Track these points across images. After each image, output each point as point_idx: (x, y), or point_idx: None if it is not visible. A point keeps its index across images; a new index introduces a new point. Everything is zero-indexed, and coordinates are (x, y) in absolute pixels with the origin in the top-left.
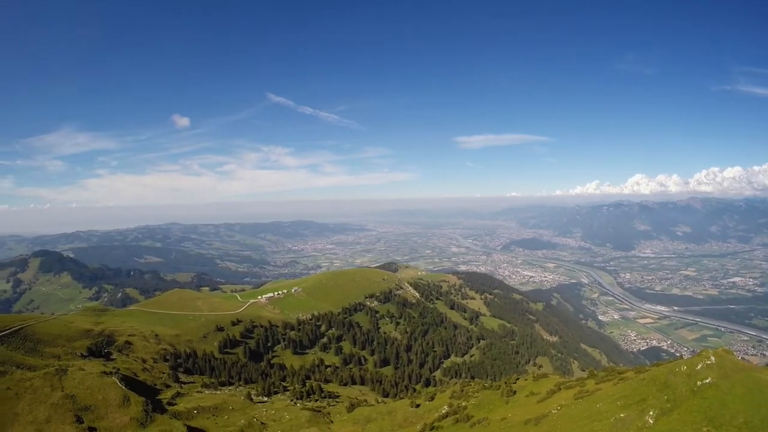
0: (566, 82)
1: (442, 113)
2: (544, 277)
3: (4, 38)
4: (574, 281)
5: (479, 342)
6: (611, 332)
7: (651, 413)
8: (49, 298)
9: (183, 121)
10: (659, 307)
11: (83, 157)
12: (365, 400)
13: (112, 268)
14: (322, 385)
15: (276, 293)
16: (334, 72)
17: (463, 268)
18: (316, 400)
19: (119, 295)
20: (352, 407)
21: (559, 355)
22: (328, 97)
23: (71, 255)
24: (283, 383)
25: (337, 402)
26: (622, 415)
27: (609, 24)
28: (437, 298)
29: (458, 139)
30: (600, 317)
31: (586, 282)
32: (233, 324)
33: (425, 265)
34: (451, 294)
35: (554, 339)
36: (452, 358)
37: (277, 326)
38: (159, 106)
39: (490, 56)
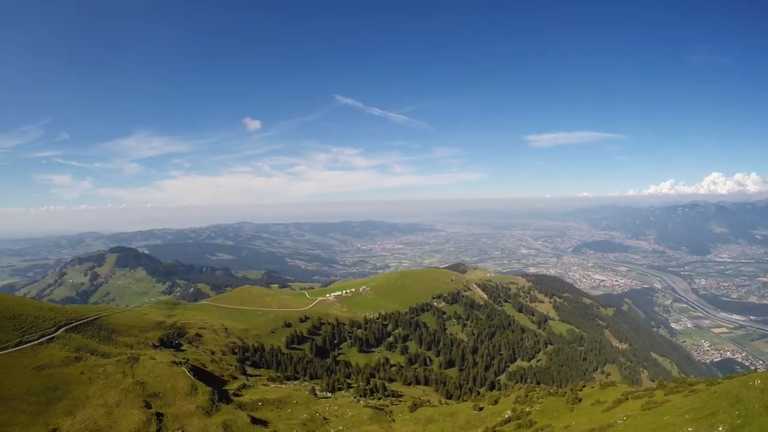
0: (639, 76)
1: (511, 111)
2: (616, 281)
3: (83, 51)
4: (646, 286)
5: (546, 347)
6: (683, 341)
7: (720, 429)
8: (124, 291)
9: (254, 124)
10: (735, 316)
11: (158, 160)
12: (428, 401)
13: (185, 265)
14: (386, 384)
15: (344, 292)
16: (402, 73)
17: (532, 270)
18: (379, 399)
19: (191, 290)
20: (414, 407)
21: (628, 363)
22: (397, 98)
23: (146, 251)
24: (348, 380)
25: (400, 401)
26: (690, 429)
27: (682, 13)
28: (505, 301)
29: (528, 138)
30: (672, 325)
31: (659, 287)
32: (301, 321)
33: (494, 267)
34: (520, 296)
35: (624, 346)
36: (518, 362)
37: (344, 324)
38: (231, 109)
39: (561, 52)
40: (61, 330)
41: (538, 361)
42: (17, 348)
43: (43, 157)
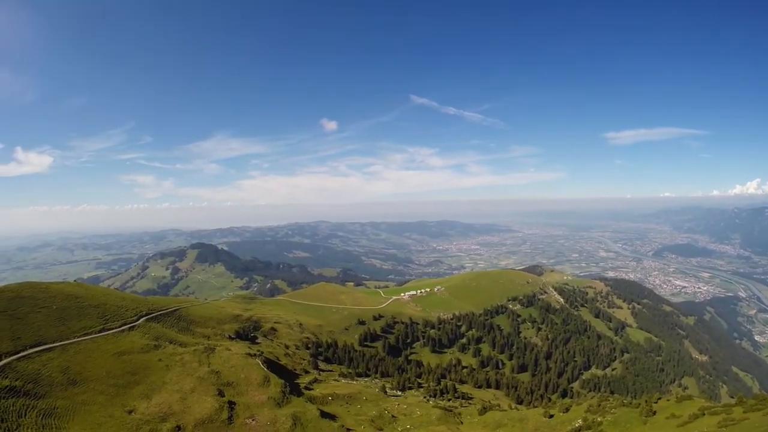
0: (722, 68)
1: (589, 107)
2: (698, 288)
3: (164, 58)
4: (730, 294)
5: (623, 355)
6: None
7: None
8: (204, 285)
9: (331, 125)
10: None
11: (237, 161)
12: (498, 405)
13: (262, 261)
14: (457, 386)
15: (419, 291)
16: (476, 71)
17: (611, 274)
18: (449, 400)
19: (268, 285)
20: (483, 410)
21: (708, 377)
22: (472, 96)
23: (225, 248)
24: (419, 380)
25: (470, 403)
26: None
27: None
28: (582, 305)
29: (607, 135)
30: (756, 338)
31: (744, 296)
32: (375, 319)
33: (571, 270)
34: (597, 301)
35: (704, 358)
36: (592, 369)
37: (418, 323)
38: (308, 111)
39: (638, 42)
40: (142, 319)
41: (613, 369)
42: (100, 334)
43: (128, 159)
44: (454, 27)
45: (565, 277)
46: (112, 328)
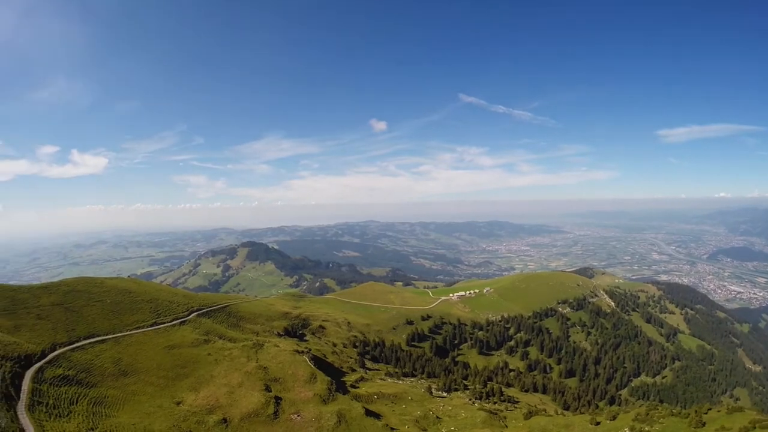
0: None
1: (641, 104)
2: (754, 293)
3: (214, 62)
4: None
5: (673, 363)
6: None
7: None
8: (254, 283)
9: (380, 125)
10: None
11: (288, 161)
12: (544, 410)
13: (312, 260)
14: (503, 389)
15: (468, 292)
16: (525, 68)
17: (663, 278)
18: (494, 403)
19: (317, 284)
20: (529, 414)
21: (761, 388)
22: (521, 94)
23: (276, 246)
24: (465, 381)
25: (515, 407)
26: None
27: None
28: (633, 310)
29: (660, 132)
30: None
31: None
32: (423, 319)
33: (623, 273)
34: (649, 306)
35: (758, 369)
36: (642, 377)
37: (466, 325)
38: (358, 111)
39: (691, 35)
40: (193, 314)
41: (663, 377)
42: (152, 328)
43: (180, 160)
44: (502, 24)
45: (617, 280)
46: (164, 323)
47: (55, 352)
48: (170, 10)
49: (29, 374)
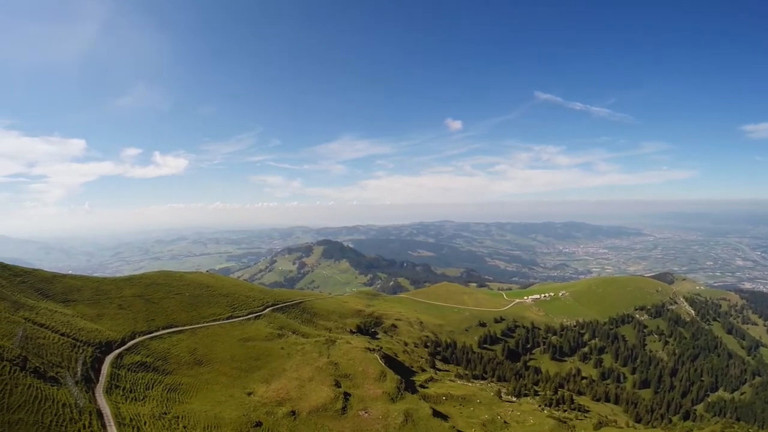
0: None
1: (726, 97)
2: None
3: (289, 65)
4: None
5: (754, 378)
6: None
7: None
8: (328, 281)
9: (456, 124)
10: None
11: (363, 161)
12: (615, 421)
13: (386, 259)
14: (574, 397)
15: (542, 295)
16: (602, 63)
17: (747, 285)
18: (564, 411)
19: (391, 283)
20: (599, 425)
21: None
22: (598, 90)
23: (351, 245)
24: (535, 387)
25: (585, 417)
26: None
27: None
28: (714, 319)
29: (745, 128)
30: None
31: None
32: (496, 321)
33: (704, 279)
34: (731, 316)
35: None
36: (719, 392)
37: (539, 329)
38: (433, 111)
39: None
40: (267, 309)
41: (742, 393)
42: (228, 321)
43: (258, 161)
44: (575, 18)
45: (698, 287)
46: (239, 316)
47: (134, 340)
48: (244, 17)
49: (109, 359)
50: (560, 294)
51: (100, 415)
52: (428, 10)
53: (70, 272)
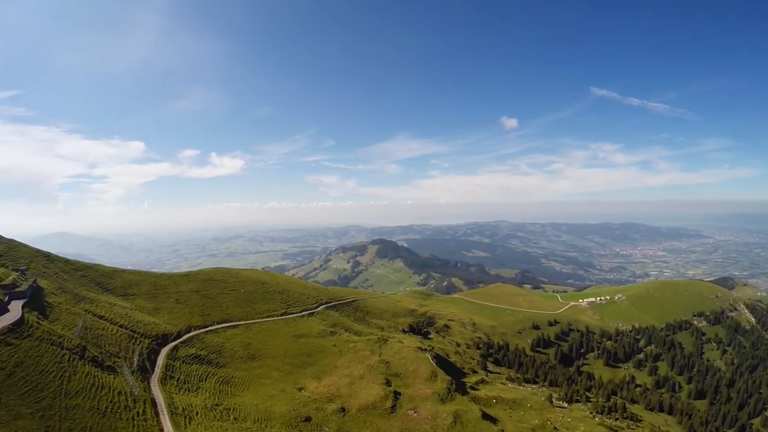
0: None
1: None
2: None
3: (343, 69)
4: None
5: None
6: None
7: None
8: (382, 280)
9: (511, 123)
10: None
11: (418, 161)
12: None
13: (440, 259)
14: (627, 405)
15: (598, 299)
16: (659, 55)
17: None
18: (616, 419)
19: (445, 283)
20: None
21: None
22: (656, 85)
23: (405, 245)
24: (587, 393)
25: (638, 426)
26: None
27: None
28: None
29: None
30: None
31: None
32: (550, 324)
33: (766, 285)
34: None
35: None
36: None
37: (594, 333)
38: (488, 110)
39: None
40: (321, 307)
41: None
42: (282, 317)
43: (312, 161)
44: (630, 10)
45: (759, 293)
46: (293, 313)
47: (190, 334)
48: (297, 20)
49: (164, 351)
50: (616, 298)
51: (153, 404)
52: (482, 8)
53: (129, 267)
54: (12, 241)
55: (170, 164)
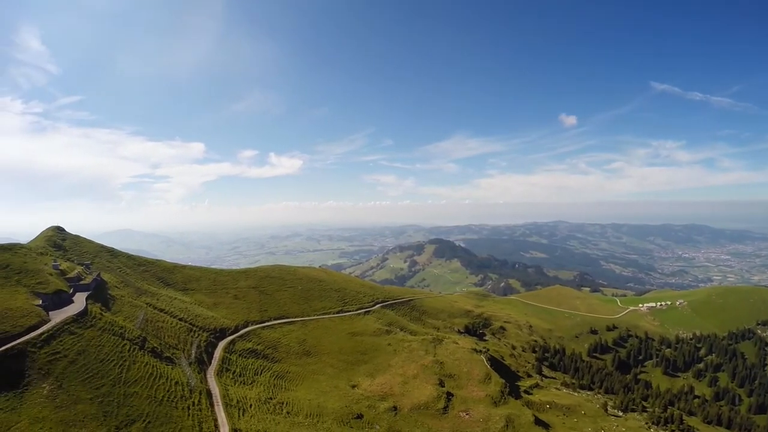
0: None
1: None
2: None
3: (395, 70)
4: None
5: None
6: None
7: None
8: (438, 279)
9: (570, 120)
10: None
11: (475, 160)
12: None
13: (498, 259)
14: (684, 417)
15: (658, 304)
16: (721, 47)
17: None
18: (672, 431)
19: (502, 284)
20: None
21: None
22: (719, 77)
23: (462, 244)
24: (644, 403)
25: None
26: None
27: None
28: None
29: None
30: None
31: None
32: (608, 329)
33: None
34: None
35: None
36: None
37: (653, 340)
38: (546, 107)
39: None
40: (377, 306)
41: None
42: (338, 315)
43: (370, 160)
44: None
45: None
46: (349, 311)
47: (247, 329)
48: (352, 21)
49: (222, 345)
50: (677, 303)
51: (209, 394)
52: (538, 5)
53: (189, 264)
54: (77, 236)
55: (230, 164)
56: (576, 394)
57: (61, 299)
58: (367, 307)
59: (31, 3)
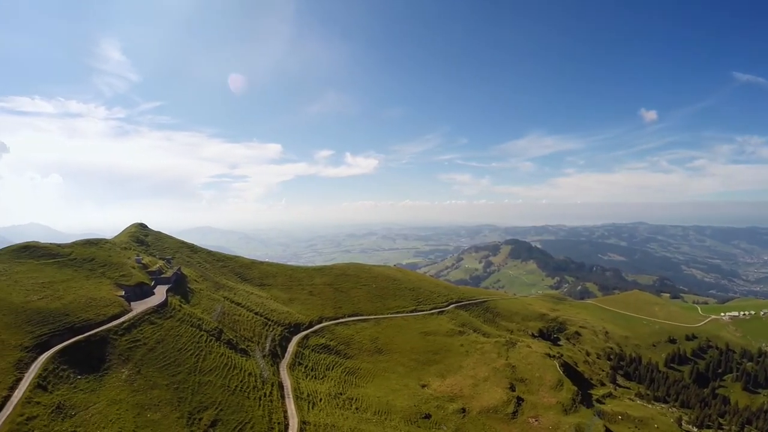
0: None
1: None
2: None
3: (471, 69)
4: None
5: None
6: None
7: None
8: (514, 281)
9: (650, 115)
10: None
11: (552, 158)
12: None
13: (575, 262)
14: None
15: (741, 313)
16: None
17: None
18: None
19: (578, 287)
20: None
21: None
22: None
23: (539, 246)
24: (720, 419)
25: None
26: None
27: None
28: None
29: None
30: None
31: None
32: (687, 339)
33: None
34: None
35: None
36: None
37: (734, 352)
38: (625, 102)
39: None
40: (451, 306)
41: None
42: (411, 314)
43: (445, 159)
44: None
45: None
46: (423, 310)
47: (321, 324)
48: (424, 22)
49: (295, 339)
50: (761, 313)
51: (281, 387)
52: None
53: (266, 260)
54: (159, 233)
55: (306, 164)
56: (650, 406)
57: (142, 291)
58: (441, 307)
59: (110, 18)
